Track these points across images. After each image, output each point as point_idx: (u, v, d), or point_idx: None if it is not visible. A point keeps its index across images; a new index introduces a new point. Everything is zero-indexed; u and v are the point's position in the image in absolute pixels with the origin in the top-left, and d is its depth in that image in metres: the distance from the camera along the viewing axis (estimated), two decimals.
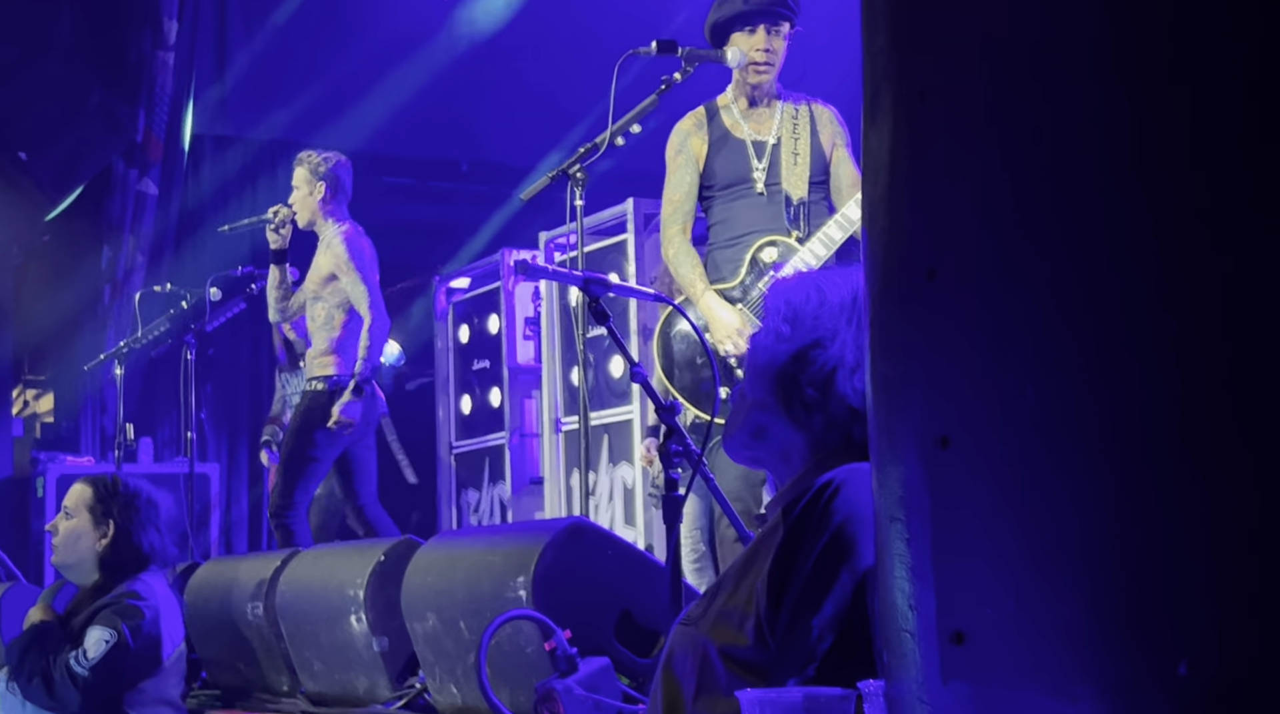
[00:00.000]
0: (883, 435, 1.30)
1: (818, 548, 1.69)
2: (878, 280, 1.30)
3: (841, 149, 4.33)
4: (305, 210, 5.98)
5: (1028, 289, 1.14)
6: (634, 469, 6.37)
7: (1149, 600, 1.06)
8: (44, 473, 7.71)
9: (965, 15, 1.20)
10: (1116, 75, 1.09)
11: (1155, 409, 1.06)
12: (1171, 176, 1.05)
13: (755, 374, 1.95)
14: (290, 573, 4.38)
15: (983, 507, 1.16)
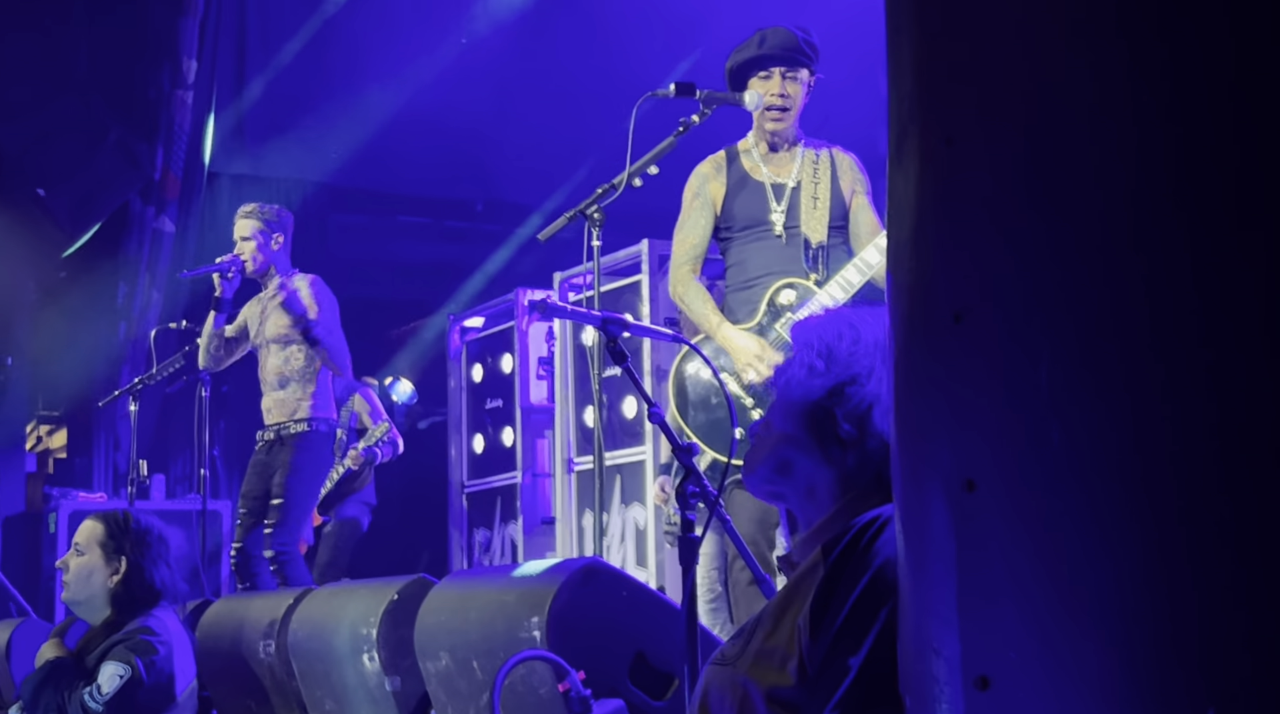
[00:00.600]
0: (907, 477, 1.30)
1: (858, 588, 1.68)
2: (903, 322, 1.30)
3: (861, 196, 4.33)
4: (262, 259, 6.14)
5: (1055, 333, 1.14)
6: (646, 510, 6.36)
7: (1177, 647, 1.05)
8: (56, 509, 7.72)
9: (992, 60, 1.20)
10: (1150, 116, 1.09)
11: (1186, 453, 1.06)
12: (1206, 216, 1.05)
13: (785, 408, 1.94)
14: (303, 611, 4.36)
15: (1009, 550, 1.16)
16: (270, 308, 6.16)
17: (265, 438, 6.22)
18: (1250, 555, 1.02)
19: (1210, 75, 1.06)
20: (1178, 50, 1.08)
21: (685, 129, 4.12)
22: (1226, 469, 1.04)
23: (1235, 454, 1.03)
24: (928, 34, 1.27)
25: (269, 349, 6.18)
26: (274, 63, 8.81)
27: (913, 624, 1.29)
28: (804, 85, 4.30)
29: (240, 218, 6.20)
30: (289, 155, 8.90)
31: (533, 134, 9.07)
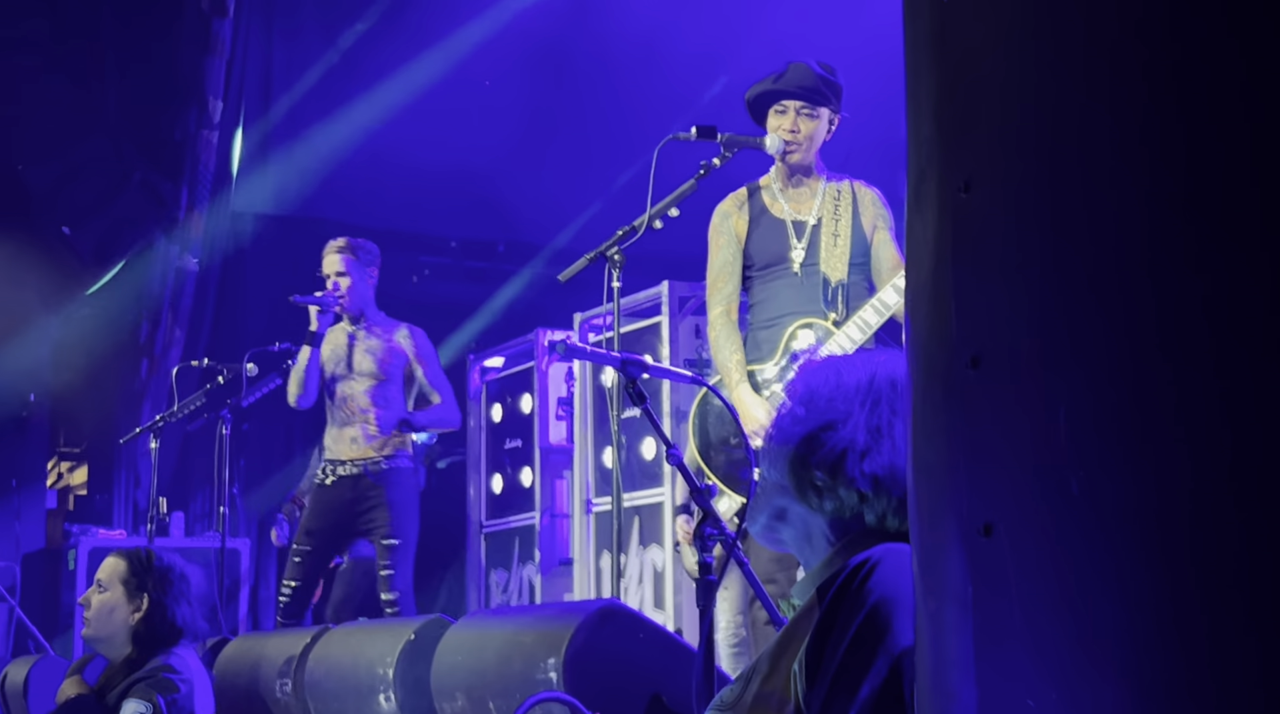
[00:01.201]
0: (924, 521, 1.30)
1: (852, 629, 1.68)
2: (920, 366, 1.31)
3: (883, 232, 4.30)
4: (359, 298, 6.11)
5: (1072, 379, 1.14)
6: (664, 552, 6.34)
7: (1194, 695, 1.05)
8: (76, 545, 7.73)
9: (1012, 105, 1.21)
10: (1165, 167, 1.10)
11: (1203, 500, 1.06)
12: (1225, 264, 1.06)
13: (773, 456, 1.96)
14: (320, 650, 4.37)
15: (1026, 596, 1.16)
16: (364, 342, 6.12)
17: (341, 473, 6.08)
18: (1265, 598, 1.02)
19: (1230, 121, 1.07)
20: (1196, 99, 1.09)
21: (706, 171, 4.13)
22: (1241, 512, 1.04)
23: (1250, 496, 1.03)
24: (947, 79, 1.28)
25: (358, 381, 6.11)
26: (299, 104, 8.89)
27: (928, 668, 1.28)
28: (822, 122, 4.27)
29: (332, 252, 6.12)
30: (312, 195, 8.96)
31: (555, 175, 9.12)
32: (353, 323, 6.16)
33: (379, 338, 6.13)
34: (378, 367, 6.08)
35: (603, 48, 8.83)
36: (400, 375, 6.16)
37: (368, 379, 6.09)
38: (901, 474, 1.82)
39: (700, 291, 6.54)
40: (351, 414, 6.09)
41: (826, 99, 4.26)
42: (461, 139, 8.74)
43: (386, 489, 6.00)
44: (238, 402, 6.65)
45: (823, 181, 4.34)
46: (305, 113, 8.84)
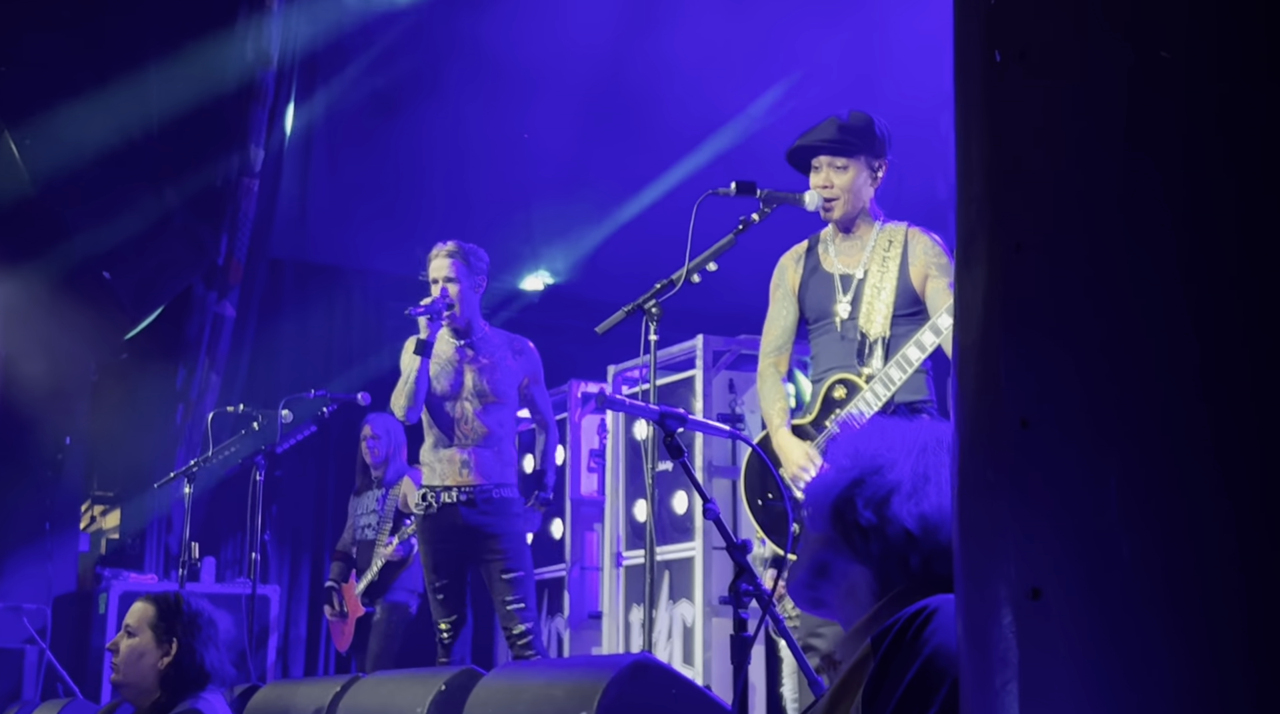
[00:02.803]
0: (970, 582, 1.29)
1: (908, 677, 1.67)
2: (968, 426, 1.30)
3: (937, 280, 4.15)
4: (469, 307, 5.73)
5: (1123, 442, 1.13)
6: (695, 607, 6.31)
7: None
8: (107, 589, 7.75)
9: (1062, 167, 1.21)
10: (1214, 224, 1.10)
11: (1252, 567, 1.05)
12: (1270, 320, 1.05)
13: (815, 509, 1.95)
14: (350, 699, 4.35)
15: (1073, 661, 1.15)
16: (489, 365, 5.75)
17: (446, 500, 5.68)
18: None
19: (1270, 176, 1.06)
20: (1247, 157, 1.09)
21: (745, 227, 4.14)
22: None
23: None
24: (999, 140, 1.28)
25: (467, 402, 5.70)
26: (340, 153, 8.97)
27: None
28: (858, 172, 4.21)
29: (440, 256, 5.72)
30: (350, 244, 9.03)
31: (591, 225, 9.17)
32: (458, 336, 5.77)
33: (491, 355, 5.76)
34: (490, 387, 5.71)
35: (647, 98, 8.89)
36: (514, 395, 5.81)
37: (479, 400, 5.71)
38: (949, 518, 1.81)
39: (734, 346, 6.55)
40: (461, 436, 5.69)
41: (855, 149, 4.21)
42: (500, 189, 8.80)
43: (500, 519, 5.66)
44: (272, 448, 6.67)
45: (875, 230, 4.29)
46: (347, 164, 8.92)
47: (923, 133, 5.04)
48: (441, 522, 5.67)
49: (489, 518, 5.64)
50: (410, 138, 8.84)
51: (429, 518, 5.70)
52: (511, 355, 5.77)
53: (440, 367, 5.70)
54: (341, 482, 8.66)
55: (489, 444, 5.70)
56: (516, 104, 8.93)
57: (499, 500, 5.68)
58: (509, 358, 5.76)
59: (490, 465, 5.68)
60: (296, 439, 6.83)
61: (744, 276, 4.98)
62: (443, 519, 5.66)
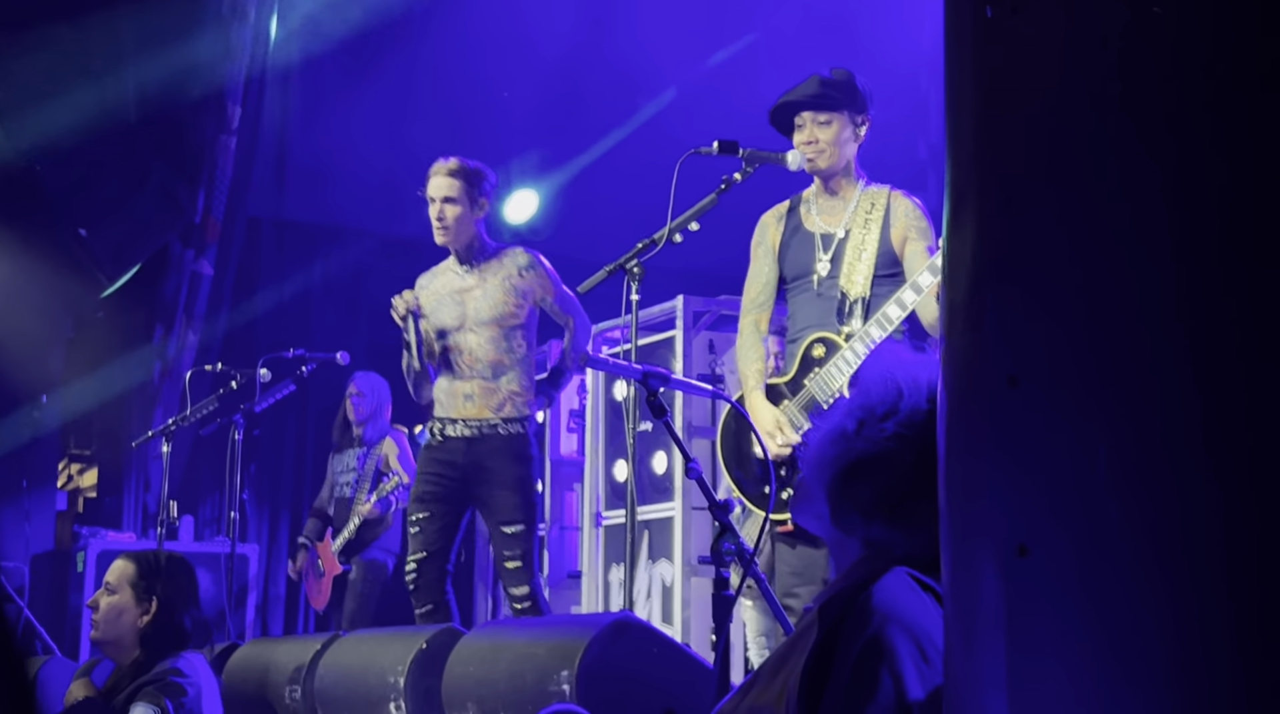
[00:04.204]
0: (957, 540, 1.30)
1: (854, 653, 1.67)
2: (956, 384, 1.30)
3: (916, 242, 4.16)
4: (464, 230, 5.25)
5: (1112, 402, 1.14)
6: (674, 566, 6.33)
7: None
8: (85, 547, 7.73)
9: (1053, 124, 1.21)
10: (1205, 184, 1.10)
11: (1240, 532, 1.06)
12: (1263, 297, 1.06)
13: (815, 467, 1.94)
14: (330, 657, 4.36)
15: (1060, 618, 1.15)
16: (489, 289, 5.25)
17: (452, 433, 5.22)
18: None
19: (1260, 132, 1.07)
20: (1232, 106, 1.09)
21: (727, 186, 4.13)
22: (1272, 545, 1.04)
23: None
24: (989, 97, 1.27)
25: (474, 332, 5.22)
26: (318, 110, 8.90)
27: (960, 687, 1.28)
28: (841, 127, 4.21)
29: (440, 174, 5.25)
30: (329, 202, 8.98)
31: (573, 185, 9.14)
32: (460, 262, 5.32)
33: (493, 277, 5.26)
34: (492, 313, 5.22)
35: (623, 67, 8.85)
36: (525, 317, 5.27)
37: (487, 329, 5.24)
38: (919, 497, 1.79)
39: (714, 306, 6.55)
40: (466, 368, 5.24)
41: (838, 104, 4.21)
42: (483, 146, 8.75)
43: (503, 460, 5.13)
44: (250, 407, 6.65)
45: (858, 190, 4.29)
46: (325, 121, 8.85)
47: (903, 93, 5.03)
48: (441, 454, 5.23)
49: (492, 458, 5.15)
50: (389, 95, 8.78)
51: (430, 449, 5.29)
52: (518, 273, 5.26)
53: (441, 299, 5.32)
54: (320, 441, 8.64)
55: (495, 374, 5.20)
56: (495, 60, 8.88)
57: (505, 437, 5.16)
58: (514, 276, 5.26)
59: (495, 397, 5.19)
60: (275, 398, 6.81)
61: (725, 237, 4.97)
62: (443, 452, 5.22)
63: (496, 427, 5.17)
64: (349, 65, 8.78)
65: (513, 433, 5.17)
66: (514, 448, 5.15)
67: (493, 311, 5.21)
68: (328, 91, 8.87)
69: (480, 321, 5.23)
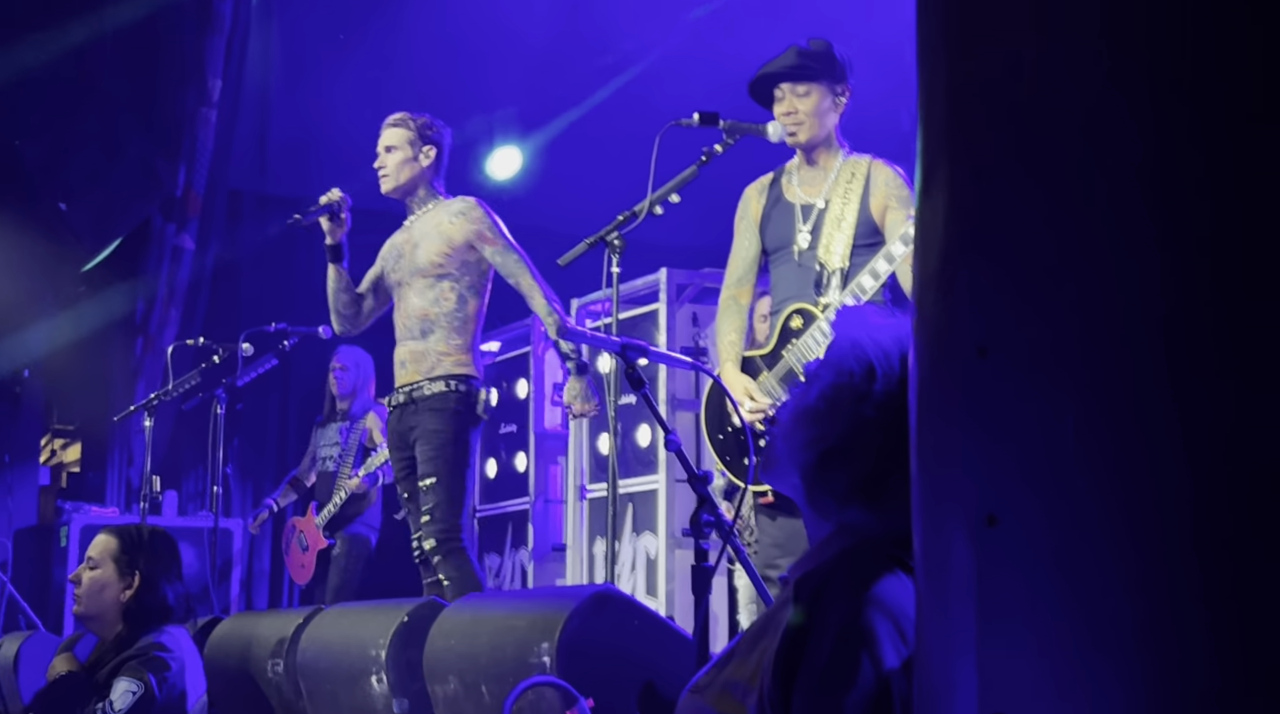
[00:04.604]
0: (927, 509, 1.30)
1: (832, 633, 1.66)
2: (927, 354, 1.30)
3: (897, 212, 4.12)
4: (404, 174, 5.09)
5: (1082, 372, 1.14)
6: (658, 539, 6.34)
7: (1193, 692, 1.05)
8: (68, 522, 7.73)
9: (1026, 92, 1.20)
10: (1180, 150, 1.09)
11: (1207, 503, 1.06)
12: (1211, 242, 1.06)
13: (787, 441, 1.92)
14: (312, 631, 4.36)
15: (1030, 588, 1.15)
16: (421, 237, 5.07)
17: (394, 402, 5.12)
18: (1260, 600, 1.02)
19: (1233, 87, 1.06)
20: (1210, 67, 1.08)
21: (708, 158, 4.12)
22: (1236, 510, 1.04)
23: (1255, 501, 1.03)
24: (960, 65, 1.27)
25: (411, 286, 5.05)
26: (299, 83, 8.86)
27: (929, 657, 1.28)
28: (819, 97, 4.18)
29: (386, 127, 5.16)
30: (310, 175, 8.93)
31: (555, 158, 9.11)
32: (409, 213, 5.18)
33: (429, 227, 5.06)
34: (423, 263, 5.02)
35: (602, 32, 8.81)
36: (456, 266, 5.01)
37: (417, 281, 5.04)
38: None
39: (697, 279, 6.55)
40: (404, 329, 5.09)
41: (816, 74, 4.18)
42: (462, 121, 8.72)
43: (424, 416, 4.98)
44: (233, 381, 6.64)
45: (839, 160, 4.27)
46: (307, 94, 8.81)
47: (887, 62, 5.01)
48: (394, 426, 5.14)
49: (416, 417, 5.02)
50: (370, 66, 8.73)
51: (389, 424, 5.22)
52: (448, 219, 5.04)
53: (389, 253, 5.20)
54: (303, 414, 8.63)
55: (424, 332, 5.03)
56: (476, 30, 8.83)
57: (427, 396, 4.99)
58: (445, 223, 5.04)
59: (425, 362, 5.02)
60: (257, 372, 6.79)
61: (709, 210, 4.96)
62: (394, 424, 5.14)
63: (423, 386, 5.01)
64: (330, 36, 8.74)
65: (436, 392, 4.98)
66: (434, 403, 4.98)
67: (423, 261, 5.02)
68: (308, 63, 8.82)
69: (413, 273, 5.06)
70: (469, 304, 5.04)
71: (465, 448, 5.00)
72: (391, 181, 5.14)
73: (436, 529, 4.93)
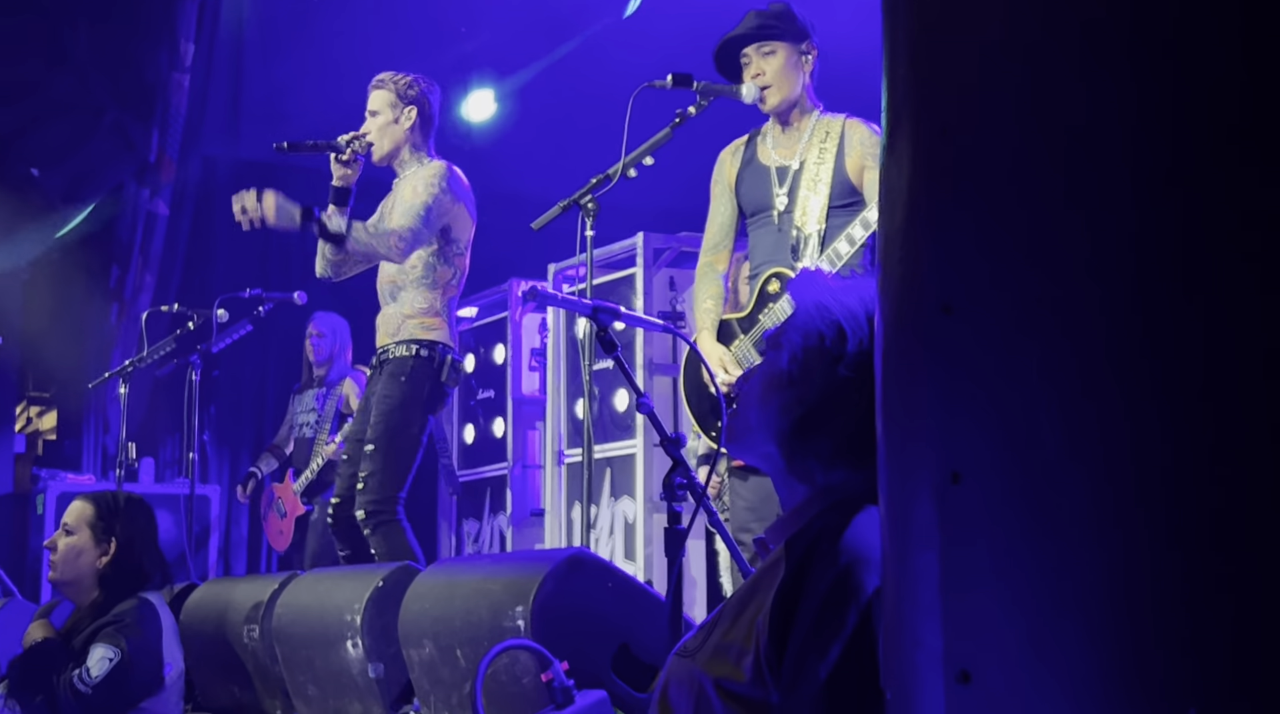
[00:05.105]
0: (893, 468, 1.29)
1: (822, 590, 1.67)
2: (891, 311, 1.30)
3: (874, 170, 4.12)
4: (387, 139, 4.98)
5: (1044, 329, 1.13)
6: (636, 503, 6.35)
7: (1161, 646, 1.05)
8: (44, 490, 7.70)
9: (988, 50, 1.19)
10: (1143, 109, 1.09)
11: (1169, 456, 1.06)
12: (1200, 210, 1.05)
13: (759, 408, 1.91)
14: (287, 596, 4.36)
15: (994, 545, 1.15)
16: (397, 200, 4.98)
17: (370, 367, 5.08)
18: (1236, 556, 1.02)
19: None
20: (1172, 27, 1.07)
21: (681, 120, 4.09)
22: (1208, 470, 1.04)
23: (1227, 456, 1.03)
24: (924, 19, 1.26)
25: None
26: (272, 47, 8.78)
27: (895, 616, 1.28)
28: (785, 56, 4.17)
29: (370, 89, 5.05)
30: (286, 139, 8.86)
31: (531, 122, 9.06)
32: (396, 175, 5.08)
33: (408, 188, 4.96)
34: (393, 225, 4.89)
35: None
36: (424, 227, 4.87)
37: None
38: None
39: (674, 243, 6.53)
40: (380, 292, 5.05)
41: (779, 33, 4.17)
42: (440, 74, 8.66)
43: (380, 382, 4.91)
44: (208, 348, 6.61)
45: (813, 119, 4.25)
46: (281, 58, 8.74)
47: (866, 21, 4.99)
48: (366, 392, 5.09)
49: (374, 383, 4.95)
50: (344, 29, 8.66)
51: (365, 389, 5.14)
52: (419, 185, 4.94)
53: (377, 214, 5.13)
54: (280, 381, 8.61)
55: (393, 296, 4.97)
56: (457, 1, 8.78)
57: (391, 360, 4.92)
58: (416, 187, 4.94)
59: (392, 323, 4.95)
60: (232, 338, 6.76)
61: (686, 173, 4.94)
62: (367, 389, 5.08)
63: (389, 350, 4.93)
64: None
65: (398, 356, 4.89)
66: (393, 367, 4.89)
67: (395, 221, 4.90)
68: (282, 26, 8.74)
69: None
70: (437, 271, 4.96)
71: (413, 416, 4.88)
72: (377, 149, 5.02)
73: (367, 500, 4.79)
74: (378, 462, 4.80)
